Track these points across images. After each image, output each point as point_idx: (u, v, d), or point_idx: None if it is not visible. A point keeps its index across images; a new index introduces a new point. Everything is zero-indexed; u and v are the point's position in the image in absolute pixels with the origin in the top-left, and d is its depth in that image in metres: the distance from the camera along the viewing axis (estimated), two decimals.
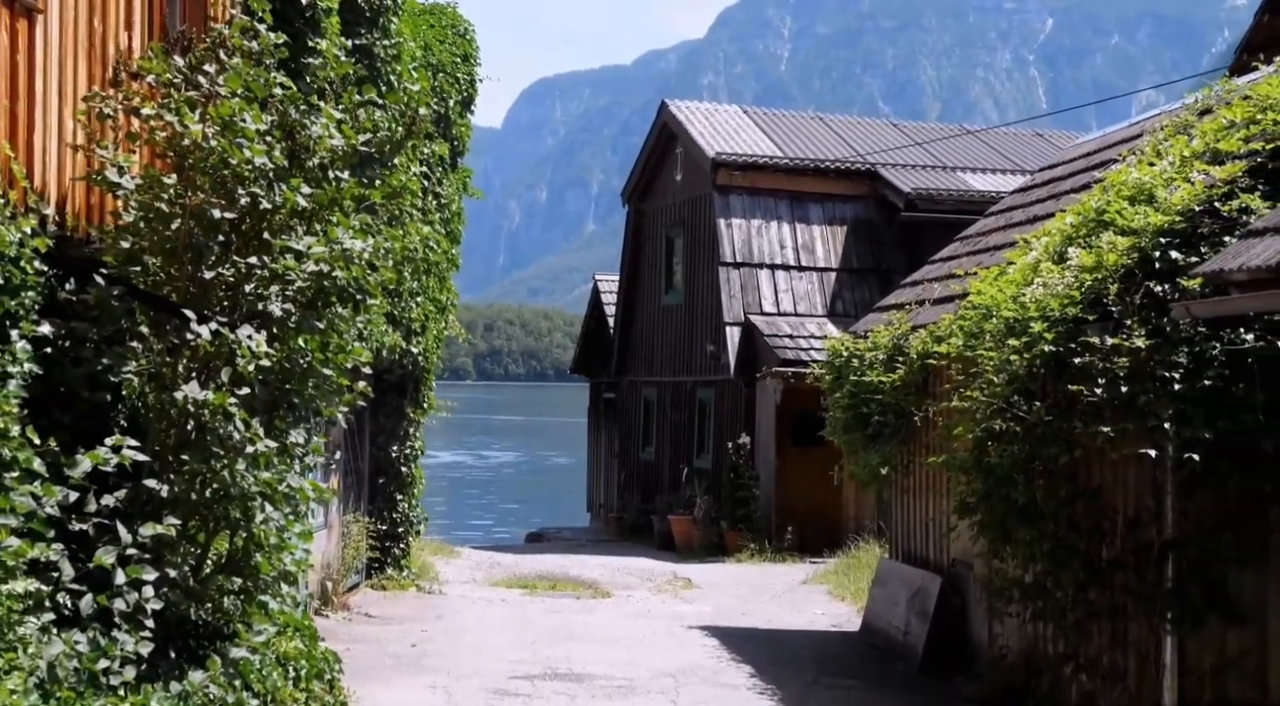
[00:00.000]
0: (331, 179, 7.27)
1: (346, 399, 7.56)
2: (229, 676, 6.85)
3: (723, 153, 22.47)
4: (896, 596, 12.85)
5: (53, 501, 6.17)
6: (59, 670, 5.84)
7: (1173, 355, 8.39)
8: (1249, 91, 10.11)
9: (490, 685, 10.81)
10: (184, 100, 7.03)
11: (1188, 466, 8.52)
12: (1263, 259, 7.18)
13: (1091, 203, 9.93)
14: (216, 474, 6.59)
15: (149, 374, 6.73)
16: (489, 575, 18.62)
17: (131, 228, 6.90)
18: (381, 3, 13.17)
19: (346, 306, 7.21)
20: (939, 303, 12.36)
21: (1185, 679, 8.73)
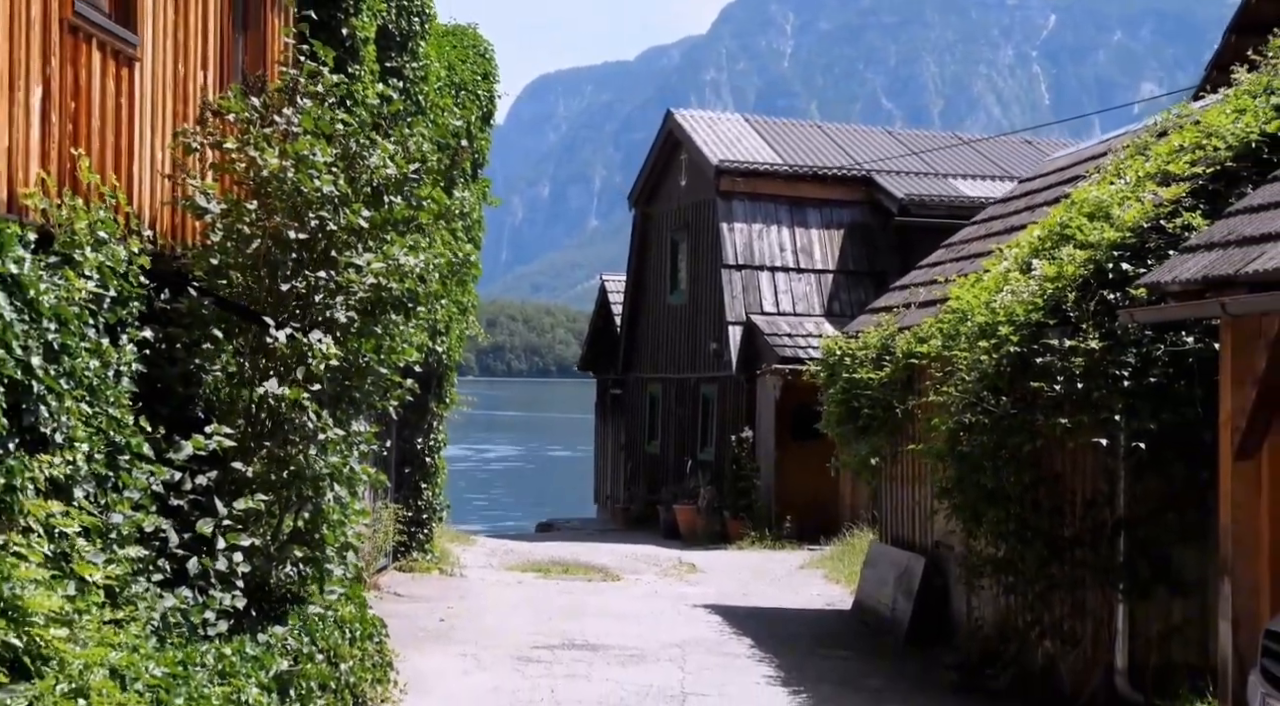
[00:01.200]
0: (386, 202, 8.38)
1: (397, 394, 8.69)
2: (301, 631, 7.98)
3: (725, 160, 23.60)
4: (885, 577, 13.95)
5: (159, 480, 7.31)
6: (170, 619, 6.98)
7: (1122, 356, 9.53)
8: (1199, 116, 11.24)
9: (514, 653, 11.92)
10: (261, 136, 8.15)
11: (1136, 454, 9.67)
12: (1192, 272, 8.30)
13: (1056, 218, 11.04)
14: (292, 457, 7.71)
15: (233, 372, 7.84)
16: (504, 561, 19.73)
17: (218, 246, 8.01)
18: (411, 29, 14.27)
19: (399, 314, 8.33)
20: (923, 306, 13.47)
21: (1135, 643, 9.88)
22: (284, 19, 10.65)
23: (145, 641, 6.66)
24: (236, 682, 6.79)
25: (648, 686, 10.59)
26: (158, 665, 6.32)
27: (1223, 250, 8.22)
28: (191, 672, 6.49)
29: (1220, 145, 10.06)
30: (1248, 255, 7.84)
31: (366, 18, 12.47)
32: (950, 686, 10.84)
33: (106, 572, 6.59)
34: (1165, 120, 12.18)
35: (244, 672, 6.95)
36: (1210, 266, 8.14)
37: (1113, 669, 9.92)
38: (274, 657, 7.30)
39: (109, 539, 6.83)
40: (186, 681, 6.37)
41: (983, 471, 10.10)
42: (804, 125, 27.42)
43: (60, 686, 5.69)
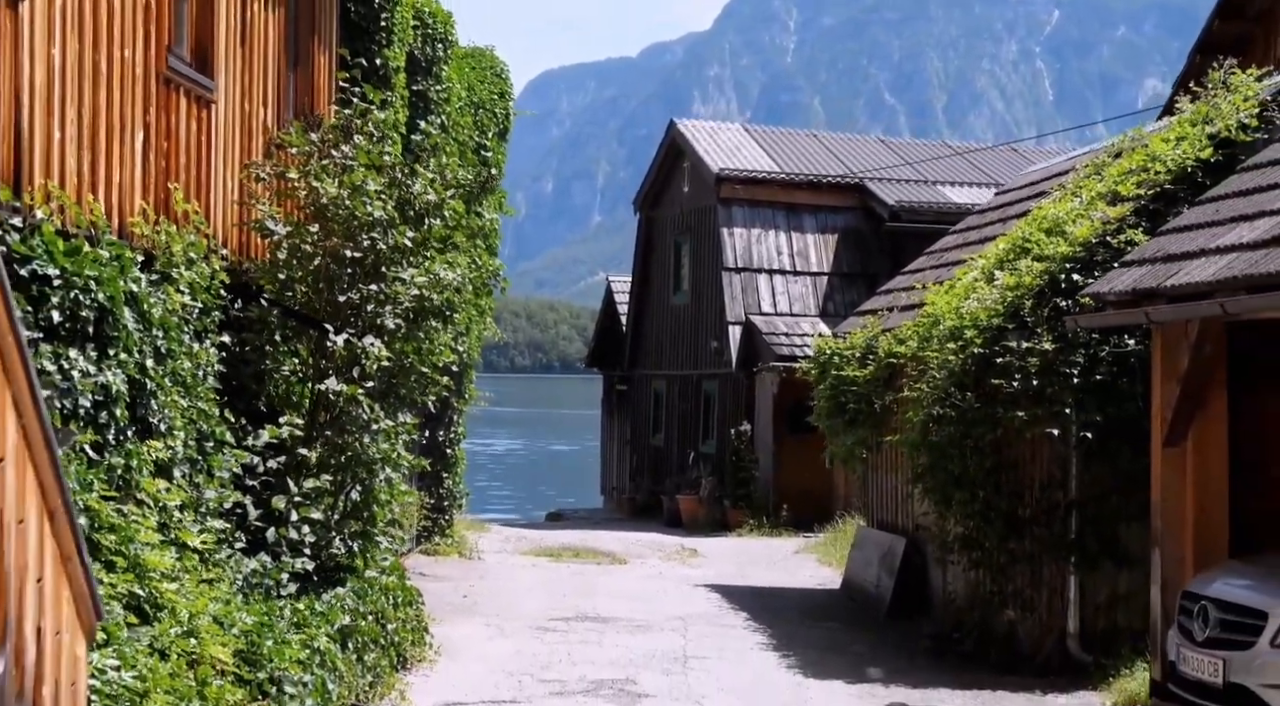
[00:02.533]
0: (426, 224, 9.66)
1: (435, 390, 9.97)
2: (355, 595, 9.28)
3: (726, 168, 24.89)
4: (870, 557, 15.23)
5: (239, 463, 8.61)
6: (252, 580, 8.27)
7: (1072, 356, 10.84)
8: (1148, 140, 12.52)
9: (533, 624, 13.22)
10: (320, 167, 9.43)
11: (1085, 443, 10.99)
12: (1125, 285, 9.58)
13: (1019, 232, 12.32)
14: (349, 445, 9.00)
15: (298, 371, 9.13)
16: (518, 546, 21.01)
17: (284, 263, 9.29)
18: (435, 54, 15.56)
19: (438, 321, 9.60)
20: (904, 310, 14.74)
21: (1085, 609, 11.19)
22: (329, 56, 11.94)
23: (233, 597, 7.97)
24: (310, 632, 8.08)
25: (653, 650, 11.88)
26: (248, 615, 7.64)
27: (1151, 266, 9.50)
28: (274, 622, 7.79)
29: (1161, 169, 11.33)
30: (1170, 271, 9.11)
31: (397, 48, 13.75)
32: (925, 651, 12.10)
33: (201, 540, 7.90)
34: (1121, 142, 13.43)
35: (314, 624, 8.25)
36: (1140, 280, 9.42)
37: (1065, 632, 11.22)
38: (338, 613, 8.60)
39: (200, 512, 8.13)
40: (271, 629, 7.66)
41: (951, 459, 11.38)
42: (800, 134, 28.69)
43: (174, 629, 6.99)
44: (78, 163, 7.36)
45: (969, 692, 10.41)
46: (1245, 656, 8.01)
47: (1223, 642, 8.19)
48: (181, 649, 6.91)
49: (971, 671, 11.11)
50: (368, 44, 13.21)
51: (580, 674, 10.85)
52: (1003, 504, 11.35)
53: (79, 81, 7.33)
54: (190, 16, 9.20)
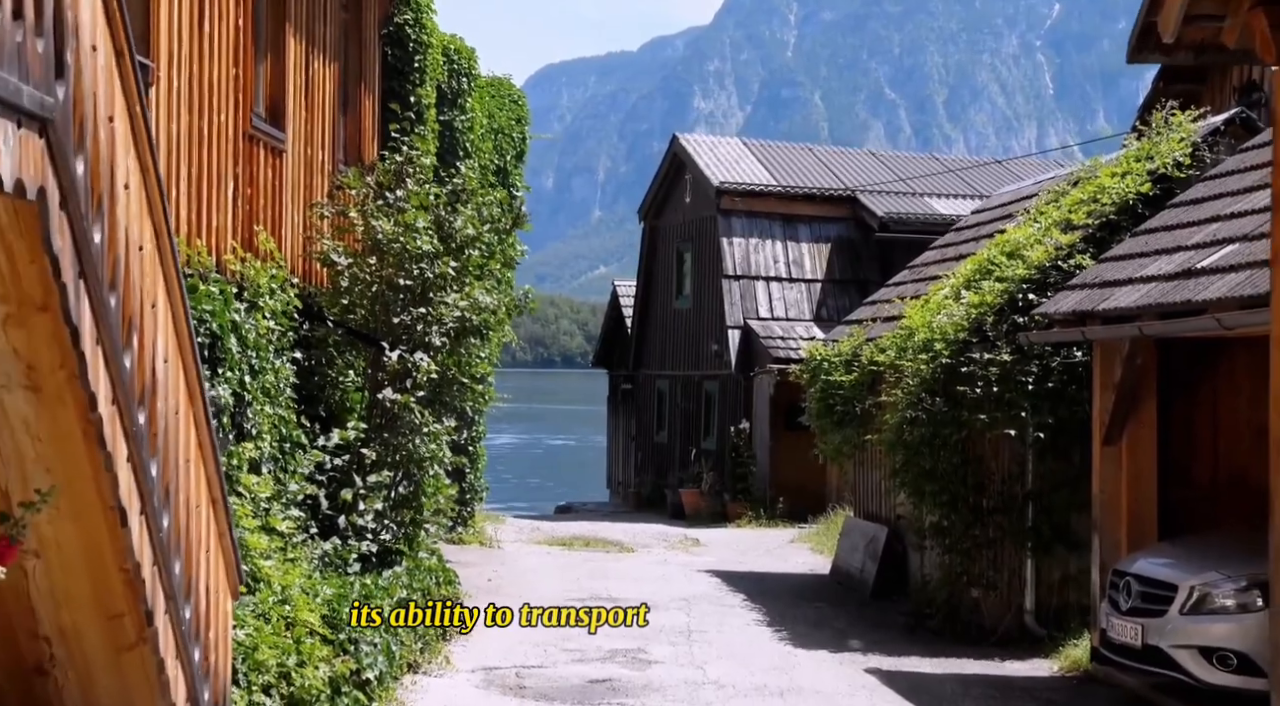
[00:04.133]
0: (466, 255, 11.20)
1: (472, 397, 11.52)
2: (407, 574, 10.84)
3: (725, 181, 26.45)
4: (856, 544, 16.78)
5: (313, 462, 10.17)
6: (326, 560, 9.84)
7: (1028, 366, 12.39)
8: (1101, 171, 14.06)
9: (553, 603, 14.76)
10: (376, 208, 10.98)
11: (1040, 442, 12.54)
12: (1068, 306, 11.13)
13: (985, 254, 13.86)
14: (403, 445, 10.56)
15: (359, 382, 10.67)
16: (532, 536, 22.56)
17: (346, 289, 10.84)
18: (460, 87, 17.10)
19: (477, 338, 11.15)
20: (886, 321, 16.27)
21: (1040, 588, 12.75)
22: (374, 99, 13.49)
23: (313, 574, 9.53)
24: (376, 602, 9.64)
25: (661, 625, 13.43)
26: (328, 587, 9.20)
27: (1090, 290, 11.05)
28: (348, 594, 9.35)
29: (1108, 201, 12.88)
30: (1104, 295, 10.67)
31: (429, 86, 15.30)
32: (901, 627, 13.65)
33: (285, 525, 9.46)
34: (1079, 171, 14.96)
35: (378, 597, 9.80)
36: (1080, 303, 10.98)
37: (1023, 609, 12.79)
38: (397, 588, 10.16)
39: (284, 502, 9.69)
40: (346, 599, 9.22)
41: (923, 456, 12.92)
42: (796, 148, 30.26)
43: (272, 598, 8.55)
44: (188, 212, 8.91)
45: (937, 660, 11.97)
46: (1159, 622, 9.57)
47: (1141, 611, 9.74)
48: (279, 614, 8.47)
49: (940, 643, 12.67)
50: (403, 84, 14.76)
51: (597, 644, 12.40)
52: (969, 496, 12.89)
53: (189, 146, 8.88)
54: (265, 79, 10.75)
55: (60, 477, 5.01)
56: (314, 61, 11.66)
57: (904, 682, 10.96)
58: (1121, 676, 10.52)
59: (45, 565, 5.32)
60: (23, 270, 4.52)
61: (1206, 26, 5.46)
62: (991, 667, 11.75)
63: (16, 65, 4.05)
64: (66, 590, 5.43)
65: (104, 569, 5.36)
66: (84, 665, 5.67)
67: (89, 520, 5.19)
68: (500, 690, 10.38)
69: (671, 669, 11.42)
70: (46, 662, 5.64)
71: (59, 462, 5.02)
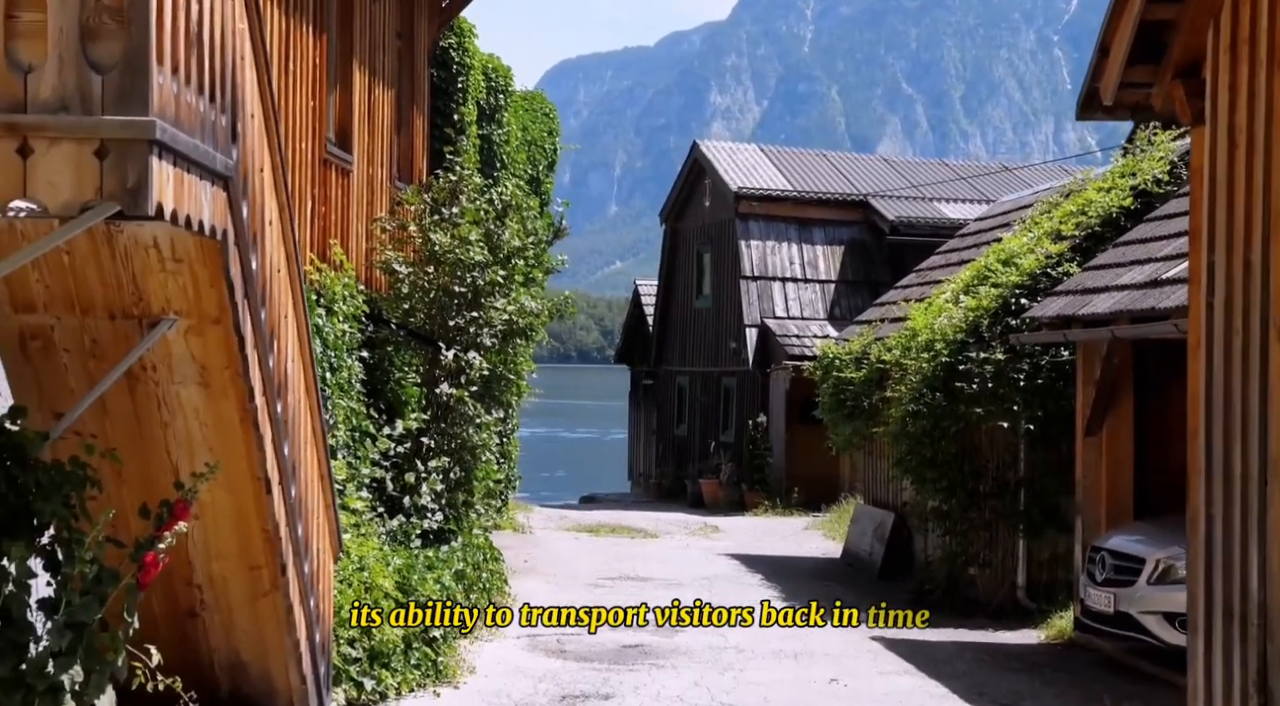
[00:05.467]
0: (512, 264, 12.50)
1: (517, 391, 12.81)
2: (462, 549, 12.16)
3: (744, 187, 27.73)
4: (865, 529, 18.05)
5: (380, 449, 11.48)
6: (394, 536, 11.15)
7: (1019, 364, 13.63)
8: (1090, 184, 15.28)
9: (584, 582, 16.06)
10: (433, 222, 12.28)
11: (1030, 434, 13.78)
12: (1053, 311, 12.38)
13: (982, 262, 15.10)
14: (458, 434, 11.86)
15: (418, 379, 11.98)
16: (560, 524, 23.87)
17: (406, 296, 12.15)
18: (497, 103, 18.39)
19: (522, 339, 12.45)
20: (893, 322, 17.52)
21: (1030, 566, 14.00)
22: (424, 118, 14.80)
23: (382, 547, 10.85)
24: (438, 572, 10.94)
25: (685, 601, 14.72)
26: (397, 558, 10.51)
27: (1072, 296, 12.30)
28: (415, 564, 10.66)
29: (1094, 214, 14.11)
30: (1084, 302, 11.92)
31: (470, 105, 16.60)
32: (904, 602, 14.92)
33: (359, 505, 10.77)
34: (1071, 184, 16.19)
35: (439, 568, 11.12)
36: (1063, 308, 12.23)
37: (1015, 585, 14.04)
38: (455, 561, 11.48)
39: (357, 484, 11.00)
40: (413, 568, 10.53)
41: (924, 446, 14.19)
42: (811, 154, 31.53)
43: (350, 566, 9.86)
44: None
45: (936, 630, 13.24)
46: (1129, 592, 10.83)
47: (1114, 582, 11.00)
48: (358, 579, 9.79)
49: (940, 615, 13.93)
50: (448, 103, 16.07)
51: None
52: (966, 482, 14.15)
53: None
54: (335, 107, 12.07)
55: (220, 455, 6.31)
56: (375, 89, 12.96)
57: (904, 647, 12.24)
58: (1100, 642, 11.80)
59: (201, 525, 6.62)
60: (204, 293, 5.83)
61: (1139, 92, 6.70)
62: (984, 636, 13.01)
63: (212, 138, 5.37)
64: (217, 546, 6.74)
65: (249, 528, 6.67)
66: (227, 608, 6.99)
67: (239, 489, 6.50)
68: (544, 653, 11.69)
69: (697, 636, 12.71)
70: (198, 606, 6.96)
71: (219, 442, 6.33)
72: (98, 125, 4.49)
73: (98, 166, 4.51)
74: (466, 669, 10.53)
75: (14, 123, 4.47)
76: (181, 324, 5.93)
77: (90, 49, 4.55)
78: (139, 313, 5.89)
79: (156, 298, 5.83)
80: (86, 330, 5.97)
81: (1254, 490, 6.01)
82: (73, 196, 4.50)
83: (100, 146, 4.50)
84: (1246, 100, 6.00)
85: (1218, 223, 6.28)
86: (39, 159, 4.50)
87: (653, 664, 11.35)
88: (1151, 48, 6.49)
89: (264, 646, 7.11)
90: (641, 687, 10.39)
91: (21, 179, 4.50)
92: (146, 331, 5.92)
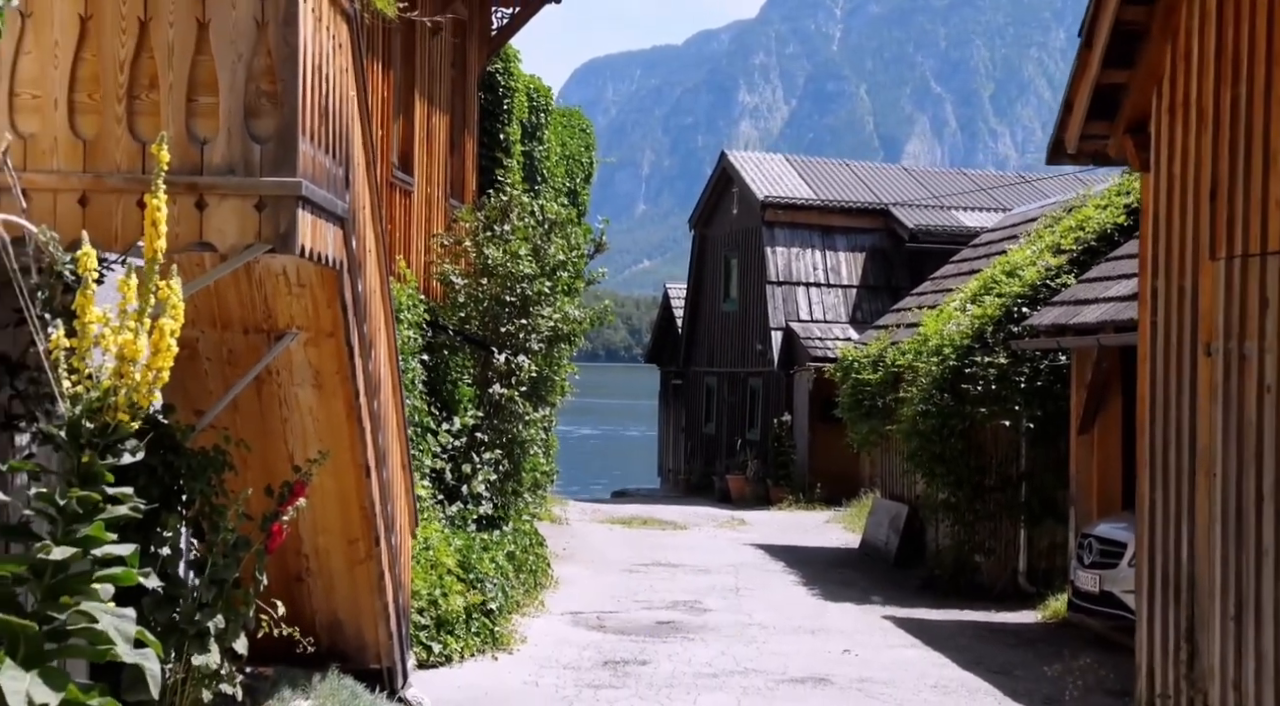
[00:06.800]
0: (558, 276, 13.80)
1: (562, 392, 14.10)
2: (512, 533, 13.46)
3: (770, 196, 29.01)
4: (881, 521, 19.28)
5: (439, 443, 12.79)
6: (453, 521, 12.47)
7: (1021, 368, 14.83)
8: (1090, 201, 16.46)
9: (620, 568, 17.35)
10: (486, 238, 13.59)
11: (1030, 432, 14.98)
12: (1049, 319, 13.59)
13: (989, 273, 16.30)
14: (508, 430, 13.16)
15: (473, 380, 13.29)
16: (595, 516, 25.17)
17: (462, 305, 13.46)
18: (539, 121, 19.69)
19: (566, 344, 13.75)
20: (908, 327, 18.74)
21: (1031, 554, 15.21)
22: (474, 140, 16.12)
23: (443, 530, 12.17)
24: (492, 553, 12.26)
25: (713, 585, 16.00)
26: (458, 539, 11.83)
27: (1066, 307, 13.51)
28: (473, 545, 11.98)
29: (1091, 229, 15.29)
30: (1076, 312, 13.12)
31: (515, 125, 17.91)
32: (915, 587, 16.15)
33: (422, 492, 12.09)
34: (1073, 200, 17.37)
35: (493, 549, 12.43)
36: (1058, 317, 13.44)
37: (1016, 571, 15.25)
38: (507, 544, 12.79)
39: (420, 474, 12.31)
40: (471, 549, 11.85)
41: (933, 442, 15.40)
42: (835, 164, 32.77)
43: (418, 546, 11.18)
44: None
45: (941, 611, 14.47)
46: (1112, 573, 12.03)
47: (1100, 565, 12.21)
48: (425, 558, 11.11)
49: (947, 599, 15.17)
50: (494, 124, 17.38)
51: (661, 598, 14.99)
52: (971, 477, 15.37)
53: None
54: (399, 135, 13.39)
55: (328, 444, 7.62)
56: (432, 116, 14.28)
57: (912, 625, 13.49)
58: (1090, 621, 13.01)
59: (310, 504, 7.92)
60: (322, 312, 7.15)
61: (1098, 142, 7.93)
62: (986, 616, 14.24)
63: (334, 188, 6.68)
64: (323, 522, 8.06)
65: (349, 507, 7.99)
66: (329, 574, 8.31)
67: (343, 473, 7.82)
68: (586, 628, 12.99)
69: (723, 615, 13.98)
70: (304, 573, 8.28)
71: (328, 435, 7.64)
72: (257, 185, 5.81)
73: (257, 217, 5.83)
74: (519, 638, 11.84)
75: (194, 183, 5.79)
76: (302, 337, 7.24)
77: (252, 125, 5.86)
78: (268, 328, 7.20)
79: (283, 315, 7.15)
80: (224, 342, 7.29)
81: (1185, 482, 7.25)
82: (237, 240, 5.82)
83: (259, 201, 5.83)
84: (1181, 154, 7.25)
85: (1159, 255, 7.53)
86: (212, 211, 5.82)
87: (684, 637, 12.63)
88: (1107, 106, 7.74)
89: (358, 607, 8.42)
90: (674, 655, 11.68)
91: (199, 226, 5.82)
92: (273, 343, 7.24)
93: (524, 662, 11.14)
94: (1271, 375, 6.39)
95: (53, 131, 5.81)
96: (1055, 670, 11.23)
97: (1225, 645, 6.74)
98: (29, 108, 5.81)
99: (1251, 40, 6.49)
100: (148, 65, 5.84)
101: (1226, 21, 6.74)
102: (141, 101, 5.86)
